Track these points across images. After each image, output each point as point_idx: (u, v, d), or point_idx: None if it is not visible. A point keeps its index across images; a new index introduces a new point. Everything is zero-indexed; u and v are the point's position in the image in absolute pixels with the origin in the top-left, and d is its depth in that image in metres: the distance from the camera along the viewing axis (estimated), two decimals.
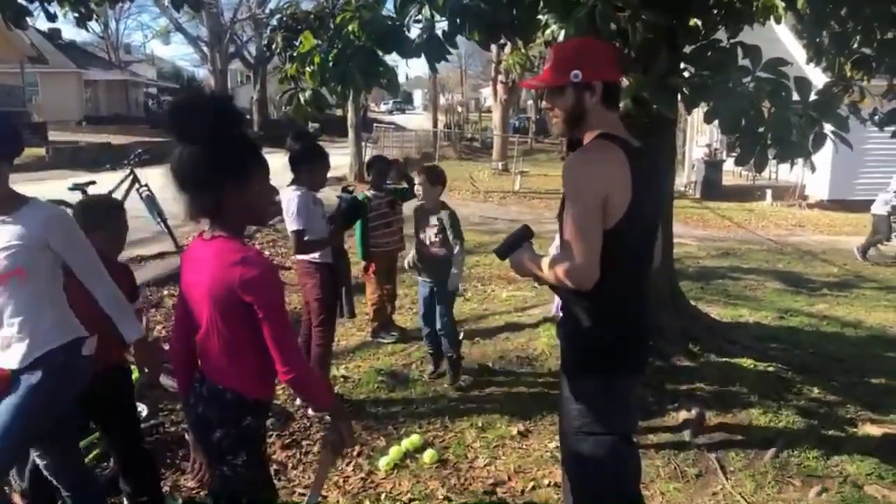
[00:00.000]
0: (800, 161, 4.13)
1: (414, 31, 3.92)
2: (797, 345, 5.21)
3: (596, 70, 1.95)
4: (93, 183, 7.35)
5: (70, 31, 43.31)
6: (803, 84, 3.81)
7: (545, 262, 2.01)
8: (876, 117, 4.99)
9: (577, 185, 1.91)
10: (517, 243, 2.16)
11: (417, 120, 43.07)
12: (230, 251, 1.79)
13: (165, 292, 6.22)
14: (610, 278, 1.90)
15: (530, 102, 37.84)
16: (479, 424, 3.79)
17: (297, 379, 1.85)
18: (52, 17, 5.07)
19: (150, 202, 7.67)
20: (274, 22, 21.15)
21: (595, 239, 1.87)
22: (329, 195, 4.53)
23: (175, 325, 2.11)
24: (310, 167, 3.83)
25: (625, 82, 3.52)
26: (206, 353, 1.92)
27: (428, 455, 3.41)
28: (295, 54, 4.10)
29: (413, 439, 3.53)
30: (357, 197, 4.43)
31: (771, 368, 4.53)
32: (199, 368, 1.98)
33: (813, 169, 4.13)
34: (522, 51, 6.12)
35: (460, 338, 4.64)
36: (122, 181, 7.66)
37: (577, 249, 1.87)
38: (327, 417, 1.98)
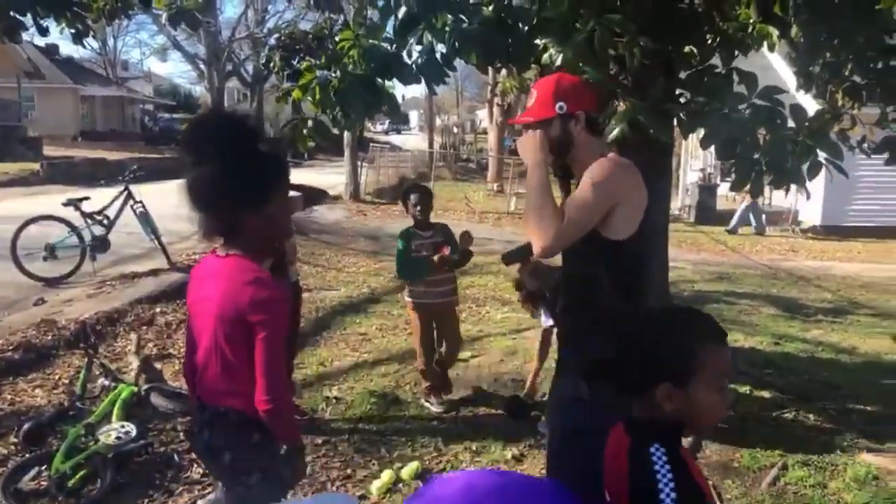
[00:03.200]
0: (793, 187, 4.16)
1: (413, 55, 3.95)
2: (792, 371, 5.19)
3: (578, 101, 2.14)
4: (87, 198, 7.32)
5: (68, 46, 43.49)
6: (798, 111, 3.85)
7: (548, 204, 2.04)
8: (865, 145, 5.03)
9: (601, 178, 2.04)
10: (526, 253, 2.29)
11: (413, 140, 43.29)
12: (244, 270, 1.76)
13: (158, 310, 6.17)
14: (617, 287, 2.09)
15: None
16: (473, 448, 3.74)
17: (274, 412, 1.79)
18: (43, 32, 5.05)
19: (144, 218, 7.64)
20: (272, 41, 21.29)
21: (582, 228, 2.02)
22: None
23: (187, 346, 2.07)
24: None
25: (621, 107, 3.55)
26: (205, 374, 1.88)
27: (407, 471, 3.39)
28: (296, 82, 4.13)
29: (412, 466, 3.47)
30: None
31: (767, 394, 4.52)
32: (198, 395, 1.94)
33: (808, 196, 4.15)
34: (518, 76, 6.17)
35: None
36: (116, 197, 7.63)
37: (565, 224, 2.00)
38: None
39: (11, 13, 4.69)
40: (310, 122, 4.16)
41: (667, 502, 1.17)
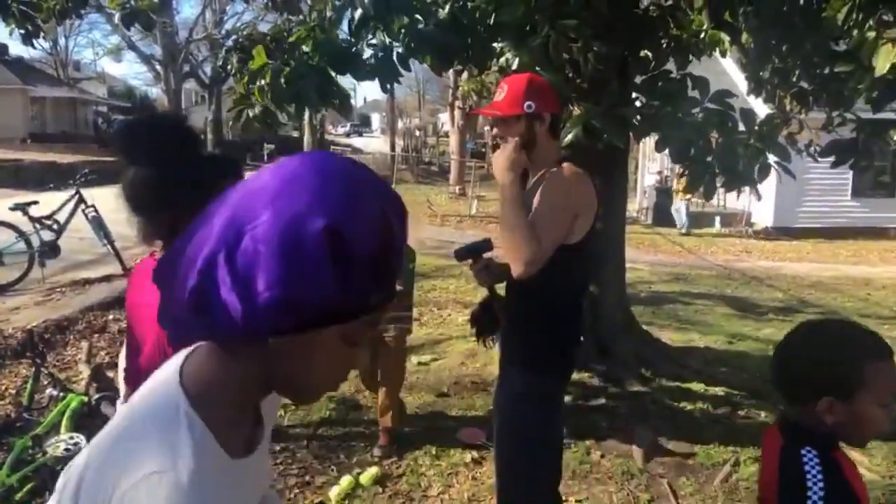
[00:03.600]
0: (746, 189, 4.27)
1: (367, 53, 3.93)
2: (745, 369, 5.32)
3: (545, 102, 2.17)
4: (35, 203, 7.08)
5: (17, 47, 42.12)
6: (748, 115, 3.95)
7: (523, 221, 2.01)
8: (812, 149, 5.19)
9: (566, 192, 2.09)
10: (478, 250, 2.28)
11: (375, 143, 43.14)
12: None
13: (111, 317, 6.01)
14: (564, 288, 2.14)
15: (487, 128, 38.31)
16: (433, 452, 3.73)
17: None
18: None
19: (97, 223, 7.42)
20: (230, 43, 20.98)
21: (555, 245, 2.03)
22: None
23: (128, 352, 2.01)
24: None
25: (576, 111, 3.59)
26: None
27: (366, 476, 3.37)
28: (247, 71, 4.06)
29: (371, 472, 3.45)
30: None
31: (721, 392, 4.62)
32: None
33: (759, 197, 4.27)
34: (478, 77, 6.20)
35: None
36: (66, 201, 7.40)
37: (542, 235, 2.00)
38: None
39: None
40: (257, 109, 4.07)
41: (814, 499, 1.20)
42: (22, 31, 5.00)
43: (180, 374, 0.79)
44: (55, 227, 7.20)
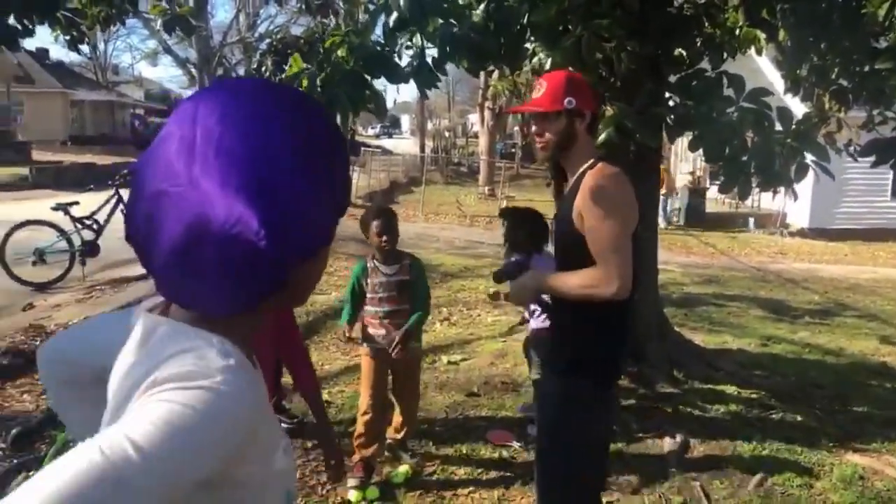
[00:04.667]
0: (782, 189, 4.20)
1: (403, 58, 3.97)
2: (780, 372, 5.23)
3: (585, 100, 2.14)
4: (76, 203, 7.28)
5: (58, 51, 43.30)
6: (785, 114, 3.89)
7: (572, 278, 2.06)
8: (851, 148, 5.08)
9: (614, 203, 2.03)
10: (516, 273, 2.27)
11: (405, 144, 43.31)
12: None
13: None
14: None
15: (517, 128, 38.19)
16: (463, 451, 3.75)
17: None
18: (28, 32, 4.97)
19: None
20: (263, 46, 21.26)
21: (629, 252, 2.00)
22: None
23: None
24: None
25: (609, 111, 3.58)
26: None
27: (401, 472, 3.41)
28: (283, 77, 4.13)
29: (403, 469, 3.47)
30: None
31: (754, 395, 4.55)
32: None
33: (795, 197, 4.19)
34: (510, 77, 6.20)
35: None
36: (106, 201, 7.59)
37: (616, 261, 1.97)
38: None
39: (9, 22, 4.66)
40: None
41: None
42: (67, 38, 5.16)
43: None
44: (95, 226, 7.39)
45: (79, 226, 7.25)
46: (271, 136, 0.72)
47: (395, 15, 3.70)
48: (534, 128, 2.21)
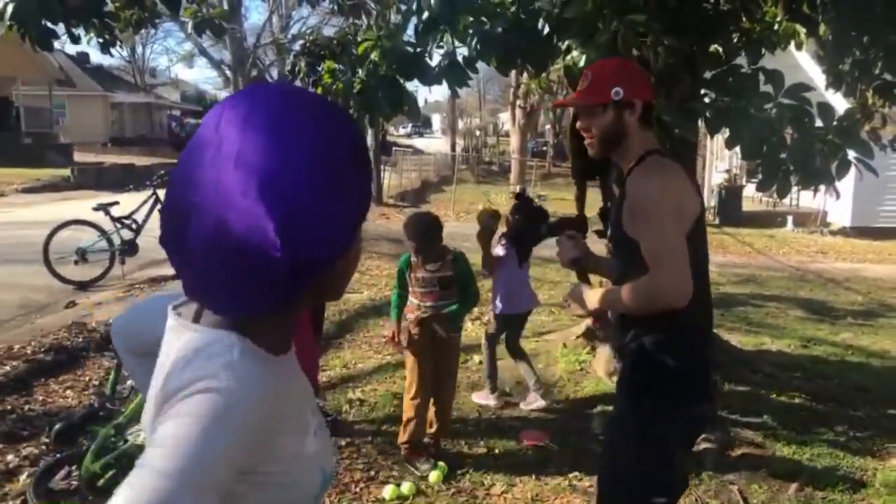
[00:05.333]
0: (822, 187, 4.09)
1: (434, 58, 3.97)
2: (821, 374, 5.10)
3: (635, 89, 1.93)
4: (116, 203, 7.45)
5: (98, 55, 44.36)
6: (826, 110, 3.78)
7: (625, 291, 1.88)
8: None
9: (656, 203, 1.83)
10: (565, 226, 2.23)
11: (436, 144, 43.40)
12: None
13: None
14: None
15: (548, 127, 37.99)
16: (496, 451, 3.74)
17: None
18: (76, 40, 5.15)
19: None
20: (296, 47, 21.48)
21: (684, 252, 1.79)
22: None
23: None
24: None
25: None
26: None
27: (434, 475, 3.39)
28: (318, 79, 4.17)
29: (440, 468, 3.47)
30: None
31: (795, 398, 4.45)
32: None
33: (837, 196, 4.07)
34: (544, 77, 6.15)
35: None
36: (144, 202, 7.75)
37: (670, 266, 1.78)
38: None
39: (43, 22, 4.78)
40: None
41: None
42: (100, 41, 5.27)
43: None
44: (134, 226, 7.55)
45: (118, 225, 7.41)
46: (291, 147, 0.74)
47: (426, 14, 3.70)
48: (579, 123, 2.02)
